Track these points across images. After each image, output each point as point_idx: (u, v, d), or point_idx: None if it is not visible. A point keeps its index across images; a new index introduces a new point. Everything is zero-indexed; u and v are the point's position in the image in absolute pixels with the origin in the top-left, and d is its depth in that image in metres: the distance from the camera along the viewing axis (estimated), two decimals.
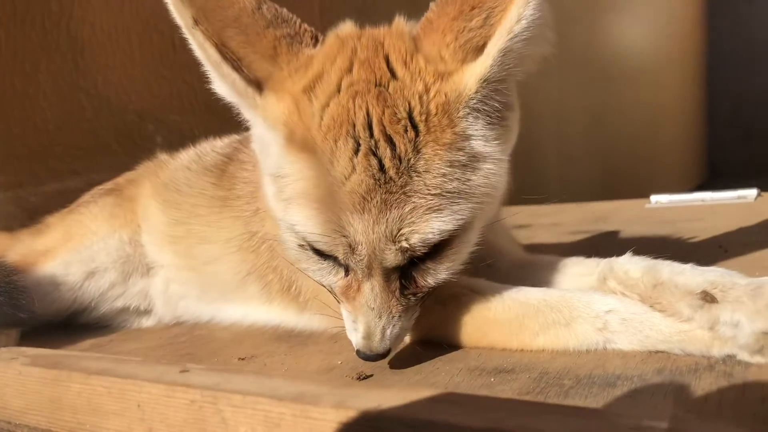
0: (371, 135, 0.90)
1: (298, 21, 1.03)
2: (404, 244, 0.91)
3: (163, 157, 1.72)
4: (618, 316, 0.97)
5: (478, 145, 0.94)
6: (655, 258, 1.04)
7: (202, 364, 1.20)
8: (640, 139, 6.89)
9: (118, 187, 1.69)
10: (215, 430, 0.81)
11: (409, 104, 0.91)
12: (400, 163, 0.89)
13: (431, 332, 1.10)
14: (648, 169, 7.04)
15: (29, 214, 1.99)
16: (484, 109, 0.93)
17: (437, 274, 0.98)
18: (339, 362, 1.11)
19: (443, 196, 0.90)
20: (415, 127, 0.90)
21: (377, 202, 0.89)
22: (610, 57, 6.18)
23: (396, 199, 0.89)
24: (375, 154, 0.89)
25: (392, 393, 0.72)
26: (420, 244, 0.91)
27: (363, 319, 0.97)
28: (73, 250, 1.55)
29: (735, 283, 0.88)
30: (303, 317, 1.33)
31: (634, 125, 6.67)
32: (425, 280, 0.98)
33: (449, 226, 0.91)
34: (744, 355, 0.87)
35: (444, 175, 0.90)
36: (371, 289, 0.95)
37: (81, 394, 0.96)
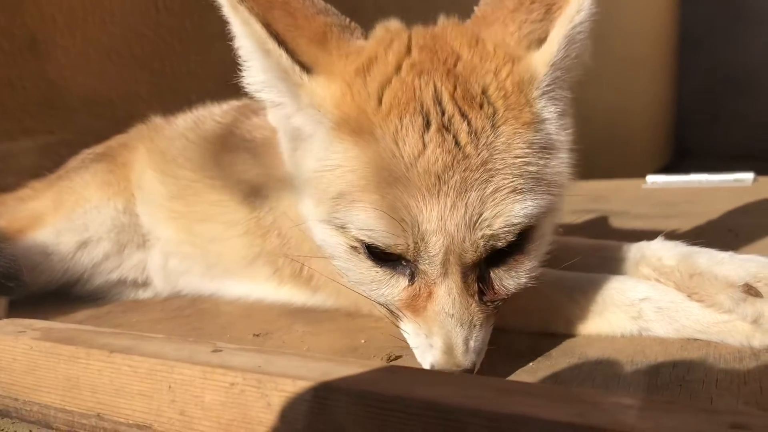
0: (443, 112, 0.82)
1: (348, 18, 0.97)
2: (487, 231, 0.80)
3: (157, 120, 1.64)
4: (653, 305, 0.96)
5: (553, 129, 0.87)
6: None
7: (214, 339, 1.16)
8: (608, 120, 6.96)
9: (110, 151, 1.61)
10: (258, 414, 0.78)
11: (484, 81, 0.84)
12: (478, 139, 0.81)
13: None
14: (614, 149, 7.12)
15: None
16: (554, 95, 0.88)
17: (518, 275, 0.88)
18: (363, 341, 1.09)
19: (524, 177, 0.82)
20: (492, 103, 0.83)
21: (455, 182, 0.79)
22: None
23: (477, 178, 0.80)
24: (449, 130, 0.81)
25: (458, 383, 0.70)
26: (504, 230, 0.81)
27: (440, 330, 0.83)
28: (64, 217, 1.47)
29: None
30: (315, 297, 1.30)
31: (602, 106, 6.72)
32: (504, 283, 0.87)
33: (534, 211, 0.82)
34: None
35: (525, 155, 0.82)
36: (448, 293, 0.83)
37: (102, 373, 0.91)
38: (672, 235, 1.09)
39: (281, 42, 0.87)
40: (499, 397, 0.64)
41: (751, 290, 0.88)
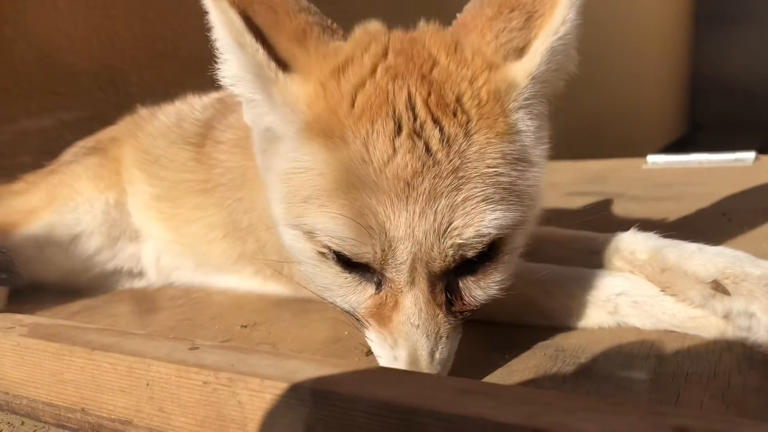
0: (415, 118, 0.79)
1: (331, 20, 0.95)
2: (456, 239, 0.78)
3: (143, 113, 1.63)
4: (629, 299, 0.97)
5: (528, 142, 0.84)
6: (660, 233, 1.03)
7: (203, 330, 1.18)
8: (624, 92, 6.87)
9: (101, 145, 1.61)
10: (231, 412, 0.79)
11: (459, 88, 0.81)
12: (450, 147, 0.78)
13: None
14: (630, 122, 7.05)
15: None
16: (532, 109, 0.85)
17: (488, 287, 0.85)
18: (346, 333, 1.10)
19: (497, 187, 0.79)
20: (465, 111, 0.80)
21: (424, 189, 0.76)
22: (595, 7, 6.08)
23: (447, 186, 0.77)
24: (420, 136, 0.78)
25: (419, 382, 0.71)
26: (475, 239, 0.78)
27: (405, 341, 0.81)
28: (57, 211, 1.49)
29: (747, 274, 0.87)
30: (302, 293, 1.31)
31: (617, 78, 6.64)
32: (473, 294, 0.84)
33: (505, 222, 0.79)
34: (761, 340, 0.87)
35: (497, 165, 0.79)
36: (414, 302, 0.80)
37: (85, 370, 0.93)
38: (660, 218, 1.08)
39: (259, 36, 0.84)
40: (455, 397, 0.65)
41: (719, 287, 0.87)
